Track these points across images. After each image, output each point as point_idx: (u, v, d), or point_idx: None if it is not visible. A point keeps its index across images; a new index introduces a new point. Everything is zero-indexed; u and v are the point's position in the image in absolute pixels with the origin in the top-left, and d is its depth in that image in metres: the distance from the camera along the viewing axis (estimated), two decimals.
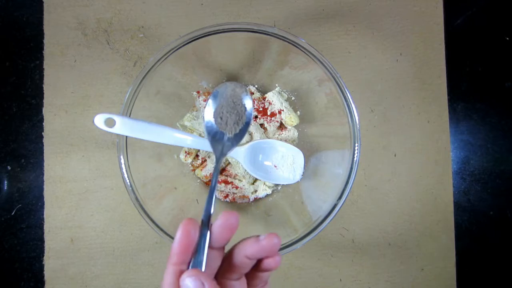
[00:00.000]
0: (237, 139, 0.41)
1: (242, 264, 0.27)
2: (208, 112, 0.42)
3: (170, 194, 0.48)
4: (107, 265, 0.51)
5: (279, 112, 0.49)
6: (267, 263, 0.28)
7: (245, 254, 0.27)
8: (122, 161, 0.42)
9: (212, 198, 0.32)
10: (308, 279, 0.52)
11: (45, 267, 0.51)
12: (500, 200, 0.54)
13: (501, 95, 0.55)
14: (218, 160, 0.39)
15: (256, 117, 0.50)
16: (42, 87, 0.52)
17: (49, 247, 0.51)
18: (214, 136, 0.41)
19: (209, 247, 0.28)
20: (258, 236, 0.28)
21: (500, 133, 0.55)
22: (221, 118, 0.42)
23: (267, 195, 0.52)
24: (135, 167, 0.43)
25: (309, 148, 0.50)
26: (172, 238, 0.41)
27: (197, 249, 0.27)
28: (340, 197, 0.42)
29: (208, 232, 0.28)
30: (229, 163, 0.52)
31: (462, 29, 0.55)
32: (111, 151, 0.52)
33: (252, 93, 0.51)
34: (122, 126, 0.40)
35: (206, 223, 0.29)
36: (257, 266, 0.28)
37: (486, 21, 0.55)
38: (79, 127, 0.52)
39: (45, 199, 0.52)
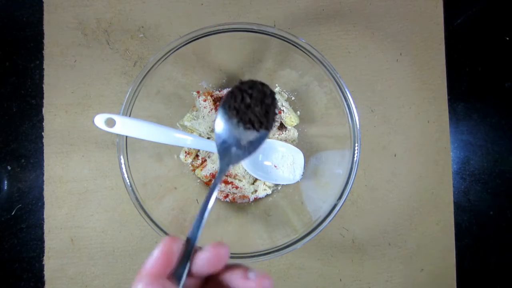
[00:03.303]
0: (253, 146, 0.31)
1: None
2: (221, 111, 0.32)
3: (170, 194, 0.48)
4: (107, 265, 0.51)
5: (279, 112, 0.49)
6: None
7: (230, 286, 0.24)
8: (122, 161, 0.42)
9: (203, 217, 0.26)
10: (308, 279, 0.52)
11: (45, 267, 0.51)
12: (500, 200, 0.54)
13: (501, 95, 0.55)
14: (221, 171, 0.30)
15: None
16: (42, 87, 0.52)
17: (49, 247, 0.51)
18: (225, 142, 0.32)
19: (188, 275, 0.24)
20: (246, 270, 0.24)
21: (500, 133, 0.55)
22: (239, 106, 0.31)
23: (267, 195, 0.52)
24: (135, 167, 0.43)
25: (309, 148, 0.50)
26: None
27: (175, 272, 0.23)
28: (340, 197, 0.42)
29: (189, 263, 0.24)
30: None
31: (462, 29, 0.55)
32: (111, 151, 0.52)
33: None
34: (122, 126, 0.40)
35: (189, 249, 0.24)
36: None
37: (486, 21, 0.55)
38: (79, 127, 0.52)
39: (45, 199, 0.52)
